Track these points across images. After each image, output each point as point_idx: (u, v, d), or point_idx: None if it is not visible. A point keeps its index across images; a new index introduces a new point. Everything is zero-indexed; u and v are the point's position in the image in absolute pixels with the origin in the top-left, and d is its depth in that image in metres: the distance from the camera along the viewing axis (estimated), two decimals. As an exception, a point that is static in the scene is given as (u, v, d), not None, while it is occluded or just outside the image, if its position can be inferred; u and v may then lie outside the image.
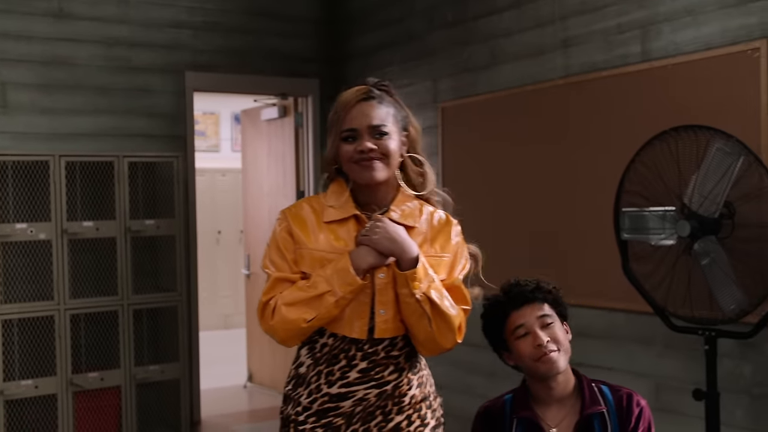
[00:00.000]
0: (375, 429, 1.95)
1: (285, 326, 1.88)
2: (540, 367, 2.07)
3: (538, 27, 4.19)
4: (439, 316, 1.89)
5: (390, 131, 1.95)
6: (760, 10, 3.19)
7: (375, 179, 1.93)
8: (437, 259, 1.98)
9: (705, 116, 3.28)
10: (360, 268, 1.87)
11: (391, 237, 1.89)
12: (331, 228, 1.95)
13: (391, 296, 1.91)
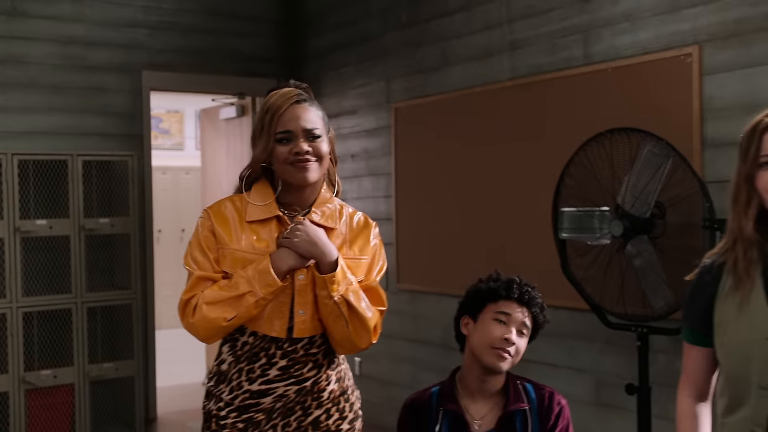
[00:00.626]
0: (295, 423, 2.01)
1: (205, 324, 1.93)
2: (490, 357, 2.14)
3: (487, 29, 4.27)
4: (356, 318, 1.95)
5: (322, 134, 2.01)
6: (692, 17, 3.29)
7: (309, 180, 1.98)
8: (356, 261, 2.04)
9: (642, 118, 3.38)
10: (280, 270, 1.92)
11: (311, 240, 1.94)
12: (253, 228, 2.00)
13: (310, 297, 1.96)
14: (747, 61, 3.13)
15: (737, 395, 1.66)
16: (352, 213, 2.12)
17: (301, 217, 2.01)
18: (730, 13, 3.17)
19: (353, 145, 5.31)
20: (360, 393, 2.21)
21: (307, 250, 1.94)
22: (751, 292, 1.64)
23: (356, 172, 5.29)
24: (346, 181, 5.38)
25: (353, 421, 2.09)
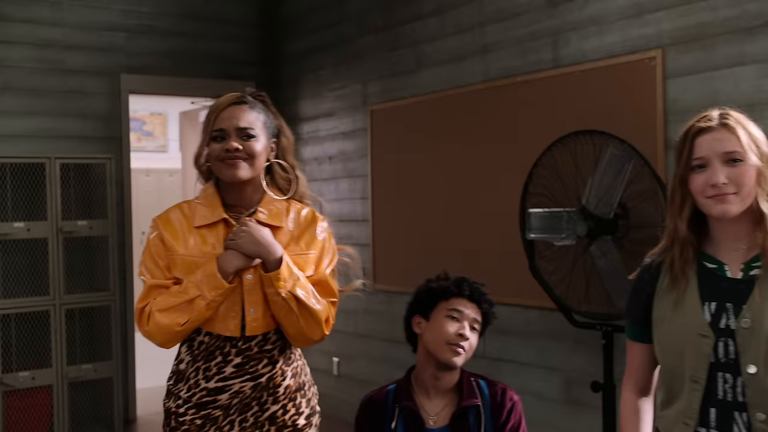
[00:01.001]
0: (251, 419, 2.06)
1: (160, 331, 1.98)
2: (445, 353, 2.19)
3: (459, 33, 4.33)
4: (306, 312, 2.00)
5: (257, 135, 2.04)
6: (656, 22, 3.36)
7: (238, 177, 2.02)
8: (304, 256, 2.09)
9: (609, 120, 3.45)
10: (227, 271, 1.97)
11: (255, 240, 1.98)
12: (200, 233, 2.05)
13: (260, 295, 2.01)
14: (708, 65, 3.19)
15: (672, 389, 1.72)
16: (300, 209, 2.16)
17: (247, 218, 2.06)
18: (692, 18, 3.24)
19: (330, 147, 5.36)
20: (318, 389, 2.26)
21: (252, 250, 1.98)
22: (686, 291, 1.70)
23: (334, 174, 5.34)
24: (324, 183, 5.44)
25: (310, 417, 2.14)
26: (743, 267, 1.68)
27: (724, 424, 1.64)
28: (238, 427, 2.05)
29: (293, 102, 5.72)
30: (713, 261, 1.72)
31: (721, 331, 1.64)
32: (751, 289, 1.64)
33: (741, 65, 3.09)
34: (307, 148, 5.60)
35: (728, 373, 1.63)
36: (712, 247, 1.73)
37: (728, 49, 3.13)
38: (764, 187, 1.65)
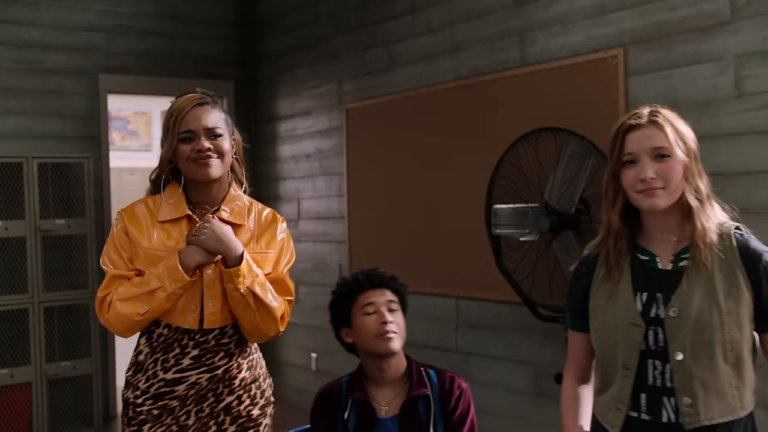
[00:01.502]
0: (207, 409, 2.12)
1: (120, 320, 2.04)
2: (380, 344, 2.24)
3: (431, 32, 4.39)
4: (263, 308, 2.07)
5: (223, 134, 2.12)
6: (618, 21, 3.42)
7: (211, 176, 2.09)
8: (263, 255, 2.15)
9: (573, 117, 3.51)
10: (188, 266, 2.03)
11: (217, 237, 2.05)
12: (164, 227, 2.11)
13: (219, 290, 2.08)
14: (667, 63, 3.26)
15: (606, 376, 1.79)
16: (261, 209, 2.24)
17: (210, 215, 2.12)
18: (652, 18, 3.30)
19: (307, 145, 5.42)
20: (272, 381, 2.32)
21: (213, 246, 2.05)
22: (620, 282, 1.77)
23: (310, 172, 5.39)
24: (301, 180, 5.49)
25: (264, 407, 2.20)
26: (673, 258, 1.75)
27: (653, 409, 1.71)
28: (195, 417, 2.11)
29: (271, 101, 5.77)
30: (645, 253, 1.78)
31: (651, 320, 1.71)
32: (680, 279, 1.71)
33: (698, 63, 3.16)
34: (285, 146, 5.65)
35: (657, 360, 1.70)
36: (645, 239, 1.80)
37: (686, 47, 3.19)
38: (691, 181, 1.72)
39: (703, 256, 1.69)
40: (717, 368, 1.66)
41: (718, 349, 1.66)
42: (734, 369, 1.68)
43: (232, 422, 2.12)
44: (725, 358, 1.66)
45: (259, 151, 5.90)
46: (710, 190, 1.79)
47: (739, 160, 3.05)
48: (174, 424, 2.09)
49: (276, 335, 2.13)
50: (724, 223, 1.75)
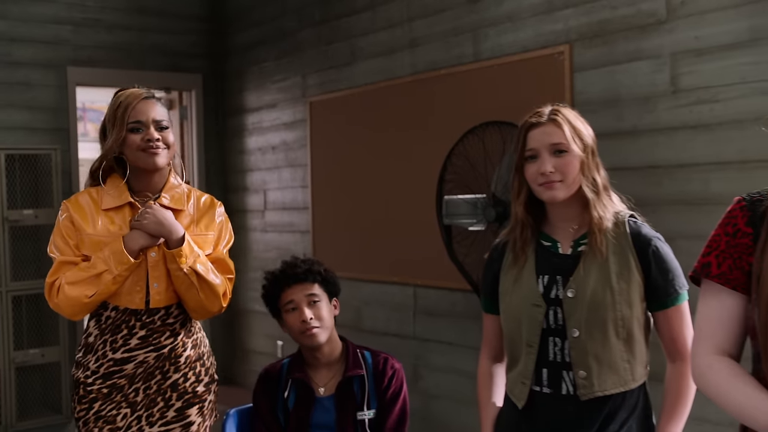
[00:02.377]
0: (155, 386, 2.25)
1: (69, 302, 2.17)
2: (303, 340, 2.39)
3: (390, 28, 4.50)
4: (206, 286, 2.21)
5: (169, 126, 2.27)
6: (564, 18, 3.56)
7: (158, 164, 2.24)
8: (203, 236, 2.30)
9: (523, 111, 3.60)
10: (132, 249, 2.17)
11: (158, 221, 2.18)
12: (108, 215, 2.25)
13: (163, 271, 2.22)
14: (609, 59, 3.40)
15: (513, 354, 1.93)
16: (200, 195, 2.39)
17: (152, 201, 2.24)
18: (595, 15, 3.44)
19: (273, 137, 5.52)
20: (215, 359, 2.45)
21: (155, 230, 2.18)
22: (525, 266, 1.91)
23: (276, 164, 5.50)
24: (267, 172, 5.60)
25: (209, 384, 2.33)
26: (572, 244, 1.89)
27: (554, 382, 1.85)
28: (143, 394, 2.23)
29: (239, 93, 5.87)
30: (549, 239, 1.93)
31: (551, 301, 1.85)
32: (577, 263, 1.85)
33: (638, 60, 3.30)
34: (252, 138, 5.75)
35: (557, 338, 1.84)
36: (549, 227, 1.94)
37: (627, 45, 3.33)
38: (587, 175, 1.87)
39: (598, 242, 1.83)
40: (609, 344, 1.81)
41: (610, 326, 1.80)
42: (626, 344, 1.82)
43: (178, 398, 2.25)
44: (617, 334, 1.81)
45: (227, 143, 6.00)
46: (607, 182, 1.94)
47: (675, 154, 3.19)
48: (123, 401, 2.22)
49: (219, 311, 2.27)
50: (619, 212, 1.90)
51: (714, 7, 3.04)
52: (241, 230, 5.86)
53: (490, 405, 2.00)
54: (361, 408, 2.33)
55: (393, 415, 2.34)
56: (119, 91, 2.32)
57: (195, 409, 2.26)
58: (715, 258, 1.49)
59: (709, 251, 1.52)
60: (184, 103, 6.05)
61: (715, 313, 1.50)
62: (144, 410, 2.22)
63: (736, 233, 1.48)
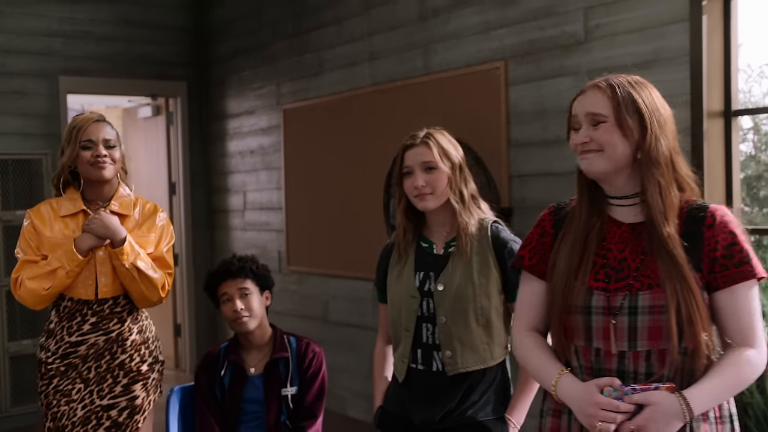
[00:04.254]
0: (105, 365, 2.65)
1: (29, 294, 2.59)
2: (235, 327, 2.77)
3: (353, 42, 4.86)
4: (146, 279, 2.61)
5: (116, 145, 2.68)
6: (500, 38, 3.90)
7: (105, 177, 2.65)
8: (145, 237, 2.70)
9: (466, 121, 3.99)
10: (82, 248, 2.58)
11: (104, 225, 2.58)
12: (64, 220, 2.66)
13: (109, 267, 2.63)
14: (538, 75, 3.75)
15: (396, 337, 2.30)
16: (145, 203, 2.79)
17: (102, 209, 2.62)
18: (526, 35, 3.78)
19: (251, 141, 5.89)
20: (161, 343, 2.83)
21: (102, 232, 2.59)
22: (406, 264, 2.27)
23: (254, 167, 5.87)
24: (246, 174, 5.96)
25: (153, 364, 2.74)
26: (444, 245, 2.25)
27: (426, 360, 2.22)
28: (94, 371, 2.63)
29: (221, 100, 6.23)
30: (426, 241, 2.29)
31: (425, 293, 2.22)
32: (447, 261, 2.21)
33: (561, 76, 3.65)
34: (233, 142, 6.12)
35: (429, 323, 2.21)
36: (427, 230, 2.31)
37: (552, 62, 3.68)
38: (454, 188, 2.23)
39: (464, 244, 2.19)
40: (470, 329, 2.17)
41: (471, 314, 2.17)
42: (485, 330, 2.18)
43: (124, 376, 2.65)
44: (477, 321, 2.17)
45: (210, 147, 6.37)
46: (476, 193, 2.31)
47: (592, 161, 3.53)
48: (78, 378, 2.62)
49: (159, 301, 2.67)
50: (484, 219, 2.26)
51: (622, 30, 3.38)
52: (224, 229, 6.23)
53: (382, 379, 2.37)
54: (285, 385, 2.70)
55: (312, 391, 2.71)
56: (76, 116, 2.71)
57: (139, 386, 2.65)
58: (528, 252, 1.86)
59: (523, 247, 1.89)
60: (170, 109, 6.42)
61: (527, 297, 1.87)
62: (95, 385, 2.61)
63: (543, 233, 1.85)
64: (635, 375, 1.70)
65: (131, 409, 2.64)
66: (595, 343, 1.73)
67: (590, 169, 1.76)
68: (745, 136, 4.04)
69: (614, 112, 1.74)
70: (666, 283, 1.66)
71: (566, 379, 1.73)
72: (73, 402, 2.59)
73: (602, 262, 1.75)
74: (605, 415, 1.64)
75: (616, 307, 1.70)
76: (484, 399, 2.18)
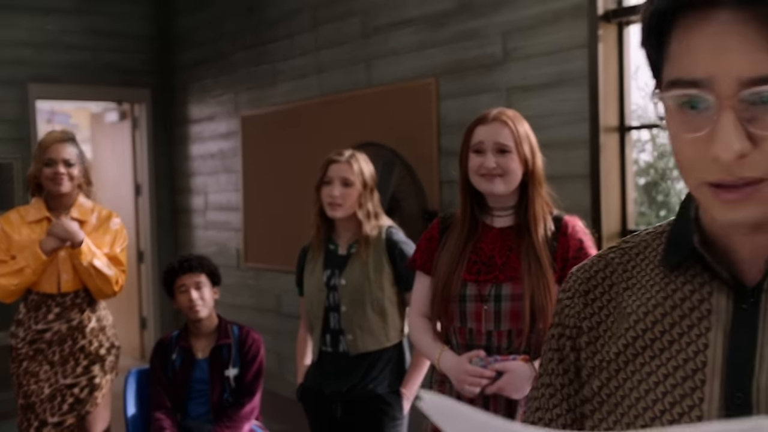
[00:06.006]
0: (68, 349, 3.07)
1: (0, 289, 2.97)
2: (190, 315, 3.15)
3: (303, 55, 5.25)
4: (101, 276, 3.03)
5: (74, 163, 3.09)
6: (432, 56, 4.32)
7: (62, 191, 3.07)
8: (101, 240, 3.11)
9: (403, 131, 4.41)
10: (45, 250, 3.00)
11: (65, 230, 3.00)
12: (30, 226, 3.08)
13: (70, 265, 3.05)
14: (464, 91, 4.16)
15: (312, 325, 2.73)
16: (101, 210, 3.21)
17: (64, 216, 3.02)
18: (454, 55, 4.20)
19: (212, 146, 6.27)
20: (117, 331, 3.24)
21: (63, 236, 3.00)
22: (317, 263, 2.69)
23: (215, 169, 6.25)
24: (208, 176, 6.34)
25: (110, 349, 3.15)
26: (347, 247, 2.68)
27: (334, 343, 2.65)
28: (59, 355, 3.04)
29: (184, 106, 6.60)
30: (333, 243, 2.71)
31: (331, 287, 2.65)
32: (347, 261, 2.64)
33: (484, 92, 4.07)
34: (195, 146, 6.49)
35: (335, 312, 2.64)
36: (335, 234, 2.73)
37: (476, 80, 4.10)
38: (362, 204, 2.66)
39: (363, 246, 2.62)
40: (367, 316, 2.60)
41: (368, 304, 2.60)
42: (380, 316, 2.61)
43: (85, 358, 3.06)
44: (373, 309, 2.60)
45: (174, 150, 6.73)
46: (379, 207, 2.72)
47: (510, 169, 3.96)
48: (44, 360, 3.02)
49: (113, 294, 3.11)
50: (383, 225, 2.68)
51: (535, 53, 3.81)
52: (186, 228, 6.61)
53: (302, 361, 2.80)
54: (228, 367, 3.10)
55: (251, 372, 3.12)
56: (46, 134, 3.09)
57: (97, 367, 3.06)
58: (419, 255, 2.29)
59: (416, 251, 2.31)
60: (135, 114, 6.78)
61: (418, 290, 2.29)
62: (60, 367, 3.01)
63: (431, 239, 2.27)
64: (499, 349, 2.12)
65: (91, 388, 3.07)
66: (469, 324, 2.15)
67: (494, 190, 2.15)
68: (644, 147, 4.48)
69: (516, 144, 2.14)
70: (525, 276, 2.08)
71: (446, 354, 2.15)
72: (41, 381, 3.00)
73: (475, 258, 2.18)
74: (472, 380, 2.06)
75: (486, 296, 2.13)
76: (382, 375, 2.62)
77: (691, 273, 0.83)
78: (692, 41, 0.74)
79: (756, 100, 0.73)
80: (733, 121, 0.73)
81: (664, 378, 0.80)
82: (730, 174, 0.74)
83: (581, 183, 3.61)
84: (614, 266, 0.90)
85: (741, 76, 0.72)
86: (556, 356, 0.92)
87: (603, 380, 0.85)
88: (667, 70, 0.78)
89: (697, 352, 0.79)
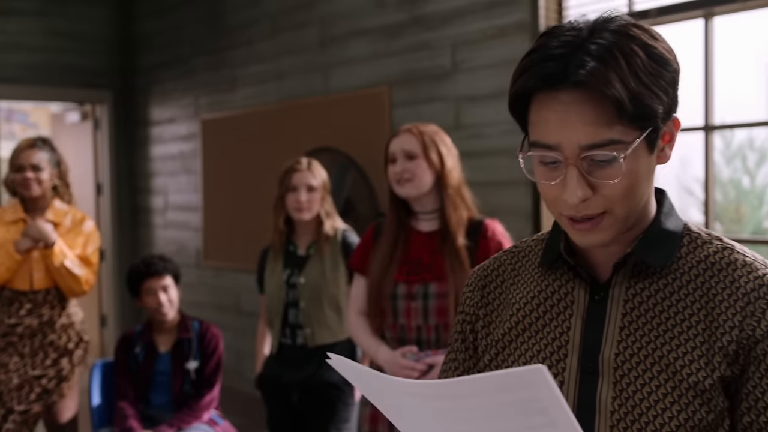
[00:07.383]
0: (38, 343, 3.24)
1: None
2: (157, 316, 3.33)
3: (262, 62, 5.44)
4: (71, 275, 3.19)
5: (43, 168, 3.24)
6: (386, 66, 4.54)
7: (31, 195, 3.25)
8: (74, 241, 3.26)
9: (358, 136, 4.62)
10: (19, 249, 3.16)
11: (39, 231, 3.16)
12: (7, 227, 3.24)
13: (43, 265, 3.22)
14: (415, 99, 4.39)
15: (271, 319, 2.94)
16: (75, 213, 3.38)
17: (39, 218, 3.19)
18: (406, 65, 4.43)
19: (173, 147, 6.42)
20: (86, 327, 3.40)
21: (37, 236, 3.16)
22: (278, 262, 2.90)
23: (175, 170, 6.40)
24: (168, 177, 6.49)
25: (78, 343, 3.32)
26: (306, 247, 2.89)
27: (293, 336, 2.86)
28: (29, 347, 3.20)
29: (145, 108, 6.74)
30: (293, 245, 2.92)
31: (291, 285, 2.85)
32: (307, 260, 2.84)
33: (435, 101, 4.30)
34: (156, 147, 6.63)
35: (294, 308, 2.84)
36: (295, 236, 2.94)
37: (427, 89, 4.33)
38: (323, 206, 2.85)
39: (321, 247, 2.83)
40: (324, 311, 2.81)
41: (324, 300, 2.81)
42: (335, 312, 2.83)
43: (54, 351, 3.23)
44: (329, 305, 2.82)
45: (136, 150, 6.86)
46: (332, 208, 2.93)
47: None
48: (15, 353, 3.19)
49: (83, 293, 3.26)
50: (338, 228, 2.89)
51: (481, 66, 4.05)
52: (147, 227, 6.74)
53: (261, 352, 3.00)
54: (188, 360, 3.28)
55: (210, 365, 3.31)
56: (20, 141, 3.26)
57: (65, 360, 3.23)
58: (357, 256, 2.50)
59: (354, 254, 2.53)
60: (96, 115, 6.89)
61: (355, 289, 2.51)
62: (29, 359, 3.18)
63: (366, 243, 2.49)
64: (428, 343, 2.34)
65: (58, 379, 3.23)
66: (400, 320, 2.37)
67: (404, 192, 2.39)
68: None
69: (423, 150, 2.37)
70: (450, 276, 2.31)
71: (381, 348, 2.37)
72: (10, 372, 3.16)
73: (405, 259, 2.39)
74: (406, 373, 2.28)
75: (414, 294, 2.35)
76: (337, 365, 2.82)
77: (560, 272, 1.08)
78: (544, 115, 0.99)
79: (592, 159, 0.96)
80: (577, 176, 0.97)
81: (537, 353, 1.05)
82: (578, 212, 1.00)
83: (523, 189, 3.87)
84: (505, 266, 1.15)
85: (580, 143, 0.97)
86: (459, 337, 1.17)
87: (492, 355, 1.10)
88: (530, 132, 1.02)
89: (562, 333, 1.04)
